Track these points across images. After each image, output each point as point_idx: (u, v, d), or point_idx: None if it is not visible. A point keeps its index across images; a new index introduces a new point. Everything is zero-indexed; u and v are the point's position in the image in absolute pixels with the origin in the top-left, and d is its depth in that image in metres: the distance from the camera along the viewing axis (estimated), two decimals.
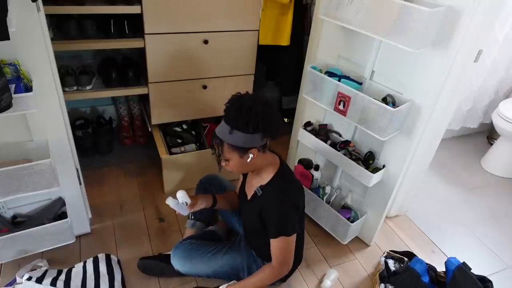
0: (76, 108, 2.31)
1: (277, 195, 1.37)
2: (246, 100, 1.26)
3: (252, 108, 1.24)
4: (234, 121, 1.25)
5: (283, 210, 1.36)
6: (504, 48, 2.44)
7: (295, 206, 1.40)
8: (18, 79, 1.20)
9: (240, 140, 1.26)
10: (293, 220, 1.38)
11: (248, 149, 1.29)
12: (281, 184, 1.40)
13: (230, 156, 1.31)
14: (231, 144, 1.27)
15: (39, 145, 1.45)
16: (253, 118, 1.23)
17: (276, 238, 1.36)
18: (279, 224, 1.35)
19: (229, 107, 1.28)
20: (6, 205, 1.58)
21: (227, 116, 1.27)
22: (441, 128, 1.78)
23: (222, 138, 1.28)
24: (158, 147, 2.04)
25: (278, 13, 2.06)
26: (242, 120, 1.23)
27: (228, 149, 1.29)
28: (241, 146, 1.28)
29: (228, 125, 1.26)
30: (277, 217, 1.35)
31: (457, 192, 2.40)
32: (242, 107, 1.24)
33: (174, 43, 1.83)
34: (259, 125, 1.25)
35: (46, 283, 1.40)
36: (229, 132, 1.25)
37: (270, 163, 1.41)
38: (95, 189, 2.04)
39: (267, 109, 1.27)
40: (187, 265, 1.53)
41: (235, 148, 1.28)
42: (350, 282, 1.73)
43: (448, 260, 1.60)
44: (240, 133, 1.25)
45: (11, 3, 1.08)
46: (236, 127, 1.24)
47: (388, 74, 1.56)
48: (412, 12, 1.21)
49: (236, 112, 1.24)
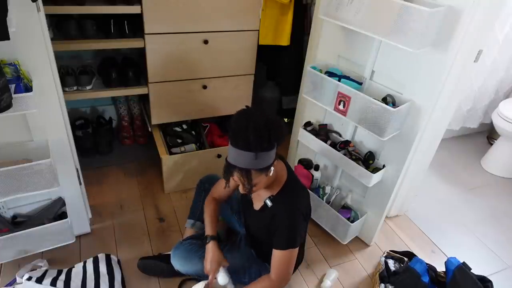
0: (76, 108, 2.31)
1: (289, 207, 1.34)
2: (257, 117, 1.18)
3: (267, 122, 1.18)
4: (257, 145, 1.16)
5: (294, 223, 1.33)
6: (504, 48, 2.44)
7: (304, 216, 1.39)
8: (18, 79, 1.20)
9: (268, 159, 1.21)
10: (302, 231, 1.36)
11: (272, 163, 1.25)
12: (292, 194, 1.37)
13: (258, 180, 1.25)
14: (259, 168, 1.21)
15: (39, 145, 1.45)
16: (273, 133, 1.18)
17: (283, 250, 1.32)
18: (289, 236, 1.32)
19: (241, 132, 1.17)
20: (6, 205, 1.58)
21: (244, 144, 1.17)
22: (441, 128, 1.78)
23: (249, 167, 1.20)
24: (158, 147, 2.04)
25: (278, 13, 2.06)
26: (265, 139, 1.17)
27: (256, 174, 1.22)
28: (268, 165, 1.23)
29: (251, 152, 1.17)
30: (287, 229, 1.32)
31: (457, 192, 2.40)
32: (258, 126, 1.16)
33: (174, 43, 1.83)
34: (279, 137, 1.21)
35: (46, 283, 1.40)
36: (255, 157, 1.17)
37: (279, 171, 1.38)
38: (95, 189, 2.05)
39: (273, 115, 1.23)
40: (187, 265, 1.53)
41: (262, 170, 1.22)
42: (350, 282, 1.73)
43: (448, 260, 1.60)
44: (265, 153, 1.19)
45: (11, 3, 1.08)
46: (262, 149, 1.18)
47: (388, 74, 1.56)
48: (412, 12, 1.21)
49: (255, 134, 1.15)
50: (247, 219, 1.58)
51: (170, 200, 2.07)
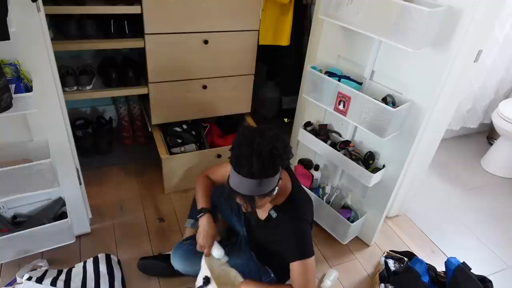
0: (76, 108, 2.31)
1: (294, 217, 1.32)
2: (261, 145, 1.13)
3: (272, 150, 1.13)
4: (260, 173, 1.13)
5: (301, 232, 1.31)
6: (504, 48, 2.44)
7: (310, 223, 1.38)
8: (18, 79, 1.20)
9: (271, 184, 1.18)
10: (310, 239, 1.34)
11: (276, 185, 1.22)
12: (296, 204, 1.35)
13: (262, 202, 1.24)
14: (263, 194, 1.19)
15: (39, 145, 1.45)
16: (278, 160, 1.14)
17: (296, 262, 1.28)
18: (300, 246, 1.30)
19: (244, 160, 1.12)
20: (6, 205, 1.58)
21: (247, 171, 1.12)
22: (441, 128, 1.78)
23: (252, 194, 1.17)
24: (158, 147, 2.04)
25: (278, 13, 2.06)
26: (269, 167, 1.14)
27: (260, 199, 1.20)
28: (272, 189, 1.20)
29: (254, 179, 1.13)
30: (296, 240, 1.30)
31: (457, 192, 2.40)
32: (262, 154, 1.11)
33: (174, 43, 1.83)
34: (284, 162, 1.18)
35: (46, 283, 1.40)
36: (258, 185, 1.14)
37: (284, 183, 1.35)
38: (95, 189, 2.05)
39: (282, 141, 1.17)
40: (187, 265, 1.53)
41: (267, 194, 1.20)
42: (350, 282, 1.73)
43: (448, 260, 1.60)
44: (269, 179, 1.16)
45: (11, 3, 1.08)
46: (266, 176, 1.14)
47: (388, 74, 1.57)
48: (412, 12, 1.21)
49: (259, 162, 1.11)
50: (251, 228, 1.56)
51: (170, 200, 2.07)
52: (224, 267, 1.42)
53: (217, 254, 1.40)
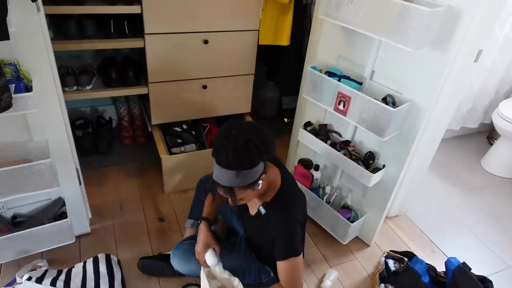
0: (76, 108, 2.31)
1: (282, 215, 1.32)
2: (237, 137, 1.15)
3: (248, 141, 1.14)
4: (237, 164, 1.14)
5: (290, 231, 1.31)
6: (504, 48, 2.43)
7: (300, 222, 1.37)
8: (18, 79, 1.20)
9: (250, 177, 1.19)
10: (299, 237, 1.34)
11: (258, 178, 1.22)
12: (285, 201, 1.35)
13: (244, 195, 1.24)
14: (242, 186, 1.20)
15: (39, 145, 1.45)
16: (254, 151, 1.15)
17: (284, 260, 1.30)
18: (287, 245, 1.30)
19: (223, 152, 1.15)
20: (6, 205, 1.58)
21: (225, 162, 1.15)
22: (441, 128, 1.78)
23: (231, 185, 1.19)
24: (158, 147, 2.04)
25: (278, 13, 2.06)
26: (245, 158, 1.14)
27: (240, 190, 1.21)
28: (252, 182, 1.20)
29: (232, 170, 1.15)
30: (284, 237, 1.30)
31: (457, 192, 2.40)
32: (237, 146, 1.13)
33: (174, 43, 1.83)
34: (262, 154, 1.18)
35: (46, 283, 1.40)
36: (236, 176, 1.16)
37: (272, 180, 1.35)
38: (95, 189, 2.05)
39: (259, 133, 1.19)
40: (187, 266, 1.53)
41: (247, 186, 1.20)
42: (350, 282, 1.73)
43: (448, 260, 1.60)
44: (247, 171, 1.16)
45: (11, 3, 1.08)
46: (242, 168, 1.15)
47: (388, 74, 1.56)
48: (412, 12, 1.21)
49: (235, 153, 1.13)
50: (245, 224, 1.57)
51: (170, 200, 2.07)
52: (227, 276, 1.43)
53: (209, 261, 1.40)
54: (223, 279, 1.43)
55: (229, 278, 1.42)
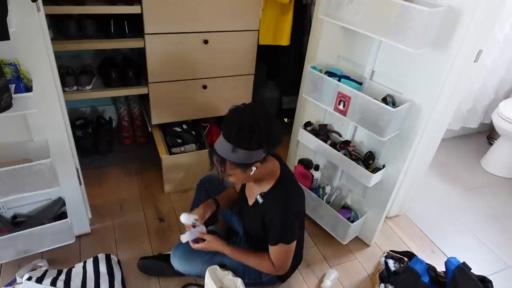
0: (76, 108, 2.31)
1: (279, 204, 1.36)
2: (247, 117, 1.20)
3: (254, 125, 1.19)
4: (237, 140, 1.20)
5: (285, 219, 1.35)
6: (504, 48, 2.43)
7: (296, 213, 1.40)
8: (18, 79, 1.20)
9: (243, 158, 1.23)
10: (294, 228, 1.37)
11: (252, 164, 1.26)
12: (283, 192, 1.38)
13: (233, 172, 1.28)
14: (234, 162, 1.24)
15: (39, 145, 1.45)
16: (256, 136, 1.19)
17: (275, 246, 1.37)
18: (280, 233, 1.35)
19: (229, 125, 1.21)
20: (6, 205, 1.58)
21: (228, 135, 1.21)
22: (441, 128, 1.78)
23: (225, 156, 1.23)
24: (158, 147, 2.04)
25: (278, 13, 2.06)
26: (245, 138, 1.19)
27: (231, 166, 1.26)
28: (245, 163, 1.25)
29: (230, 144, 1.20)
30: (279, 226, 1.34)
31: (457, 192, 2.40)
32: (243, 125, 1.19)
33: (174, 43, 1.83)
34: (262, 142, 1.21)
35: (46, 283, 1.40)
36: (231, 150, 1.21)
37: (271, 170, 1.39)
38: (95, 189, 2.05)
39: (269, 123, 1.22)
40: (187, 265, 1.53)
41: (238, 165, 1.25)
42: (350, 282, 1.73)
43: (448, 260, 1.60)
44: (243, 151, 1.21)
45: (11, 3, 1.08)
46: (240, 146, 1.20)
47: (388, 74, 1.56)
48: (412, 12, 1.21)
49: (238, 131, 1.19)
50: (243, 216, 1.59)
51: (170, 200, 2.07)
52: (230, 276, 1.46)
53: (182, 220, 1.46)
54: (226, 280, 1.45)
55: (232, 279, 1.44)
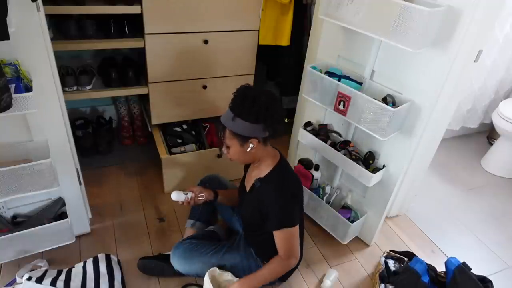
0: (76, 108, 2.31)
1: (276, 187, 1.39)
2: (252, 90, 1.32)
3: (256, 97, 1.28)
4: (237, 109, 1.29)
5: (283, 202, 1.38)
6: (504, 48, 2.44)
7: (294, 196, 1.43)
8: (18, 79, 1.20)
9: (241, 128, 1.30)
10: (294, 211, 1.40)
11: (249, 138, 1.32)
12: (280, 176, 1.41)
13: (231, 143, 1.35)
14: (232, 131, 1.32)
15: (39, 145, 1.45)
16: (255, 108, 1.27)
17: (279, 230, 1.38)
18: (281, 216, 1.37)
19: (235, 96, 1.32)
20: (6, 205, 1.58)
21: (231, 104, 1.31)
22: (441, 128, 1.78)
23: (225, 124, 1.33)
24: (158, 147, 2.04)
25: (278, 13, 2.06)
26: (245, 109, 1.27)
27: (230, 136, 1.34)
28: (242, 134, 1.31)
29: (231, 112, 1.30)
30: (278, 209, 1.37)
31: (457, 192, 2.40)
32: (246, 96, 1.29)
33: (174, 43, 1.83)
34: (261, 115, 1.28)
35: (46, 283, 1.40)
36: (231, 119, 1.29)
37: (270, 156, 1.44)
38: (95, 189, 2.05)
39: (271, 101, 1.30)
40: (187, 265, 1.53)
41: (236, 135, 1.32)
42: (350, 282, 1.73)
43: (448, 260, 1.60)
44: (242, 121, 1.28)
45: (11, 3, 1.08)
46: (239, 115, 1.28)
47: (388, 74, 1.56)
48: (412, 12, 1.21)
49: (241, 100, 1.29)
50: (241, 206, 1.59)
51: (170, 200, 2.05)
52: (230, 277, 1.47)
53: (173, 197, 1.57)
54: (226, 281, 1.45)
55: (232, 280, 1.45)
